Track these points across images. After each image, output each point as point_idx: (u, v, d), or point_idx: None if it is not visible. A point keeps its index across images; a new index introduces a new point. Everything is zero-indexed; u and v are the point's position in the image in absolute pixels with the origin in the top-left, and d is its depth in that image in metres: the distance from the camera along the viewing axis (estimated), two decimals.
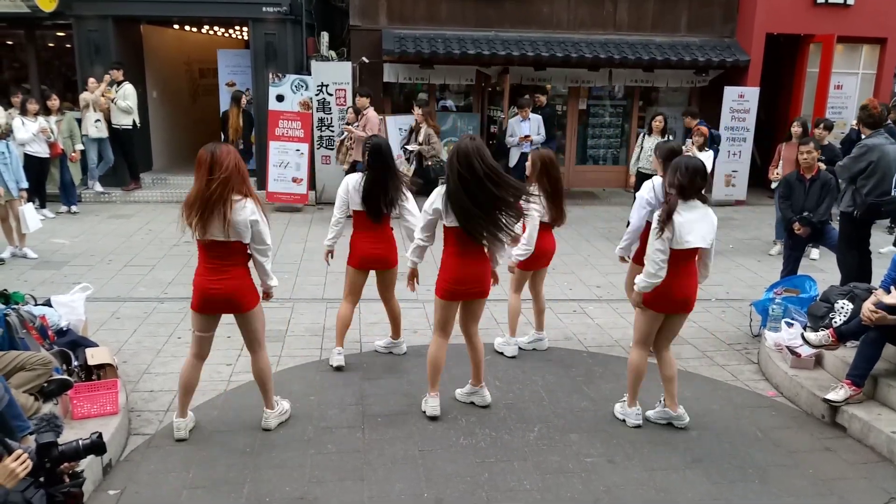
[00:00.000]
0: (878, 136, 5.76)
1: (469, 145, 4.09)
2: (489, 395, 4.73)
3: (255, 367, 4.25)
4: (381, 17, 11.76)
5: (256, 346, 4.20)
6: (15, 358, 3.94)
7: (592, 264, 8.27)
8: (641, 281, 4.13)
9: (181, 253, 8.28)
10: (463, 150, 4.07)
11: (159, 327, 5.98)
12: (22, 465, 2.69)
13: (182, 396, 4.21)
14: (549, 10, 12.10)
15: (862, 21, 11.86)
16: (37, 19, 11.49)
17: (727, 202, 11.95)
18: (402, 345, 5.53)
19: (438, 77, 11.85)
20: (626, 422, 4.53)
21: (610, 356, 5.59)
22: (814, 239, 6.71)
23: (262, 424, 4.31)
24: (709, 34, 12.44)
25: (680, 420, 4.48)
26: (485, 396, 4.72)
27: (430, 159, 10.14)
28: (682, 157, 4.43)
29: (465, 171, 4.04)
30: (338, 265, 8.04)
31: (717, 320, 6.52)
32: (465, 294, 4.38)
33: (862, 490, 3.90)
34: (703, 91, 12.69)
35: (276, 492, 3.73)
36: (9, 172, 7.67)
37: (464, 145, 4.10)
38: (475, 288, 4.37)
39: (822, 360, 5.13)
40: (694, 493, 3.81)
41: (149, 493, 3.70)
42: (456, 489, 3.79)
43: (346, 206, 5.05)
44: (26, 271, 7.42)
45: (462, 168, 4.04)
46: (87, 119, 10.53)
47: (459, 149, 4.09)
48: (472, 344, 4.61)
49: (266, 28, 11.51)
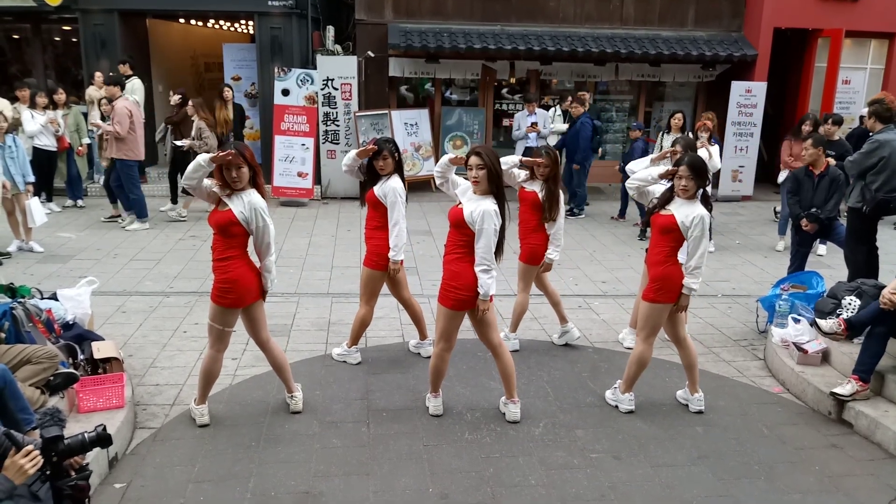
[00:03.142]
0: (889, 132, 5.71)
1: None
2: (518, 412, 4.45)
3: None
4: (387, 11, 11.74)
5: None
6: (21, 351, 3.94)
7: (598, 260, 8.25)
8: (696, 284, 4.32)
9: (187, 247, 8.30)
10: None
11: (165, 321, 5.99)
12: (32, 461, 2.69)
13: (205, 387, 4.30)
14: (555, 5, 12.05)
15: (870, 16, 11.78)
16: (43, 13, 11.52)
17: (734, 197, 11.91)
18: (427, 346, 5.34)
19: (444, 71, 11.82)
20: (618, 407, 4.61)
21: (615, 352, 5.58)
22: (821, 235, 6.68)
23: (292, 409, 4.48)
24: (716, 28, 12.38)
25: (693, 404, 4.64)
26: (512, 412, 4.44)
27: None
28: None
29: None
30: (340, 261, 8.09)
31: (724, 316, 6.50)
32: (473, 303, 4.15)
33: (869, 487, 3.88)
34: (710, 86, 12.64)
35: (282, 486, 3.73)
36: (15, 166, 7.70)
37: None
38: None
39: (828, 357, 5.11)
40: (699, 490, 3.80)
41: (155, 487, 3.71)
42: (461, 484, 3.79)
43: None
44: (32, 265, 7.44)
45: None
46: (93, 118, 10.53)
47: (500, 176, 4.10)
48: (497, 355, 4.38)
49: (272, 22, 11.50)
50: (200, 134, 9.40)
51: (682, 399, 4.75)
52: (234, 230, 3.99)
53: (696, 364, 4.61)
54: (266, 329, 4.32)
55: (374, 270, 4.94)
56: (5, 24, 12.70)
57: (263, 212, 3.99)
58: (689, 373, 4.63)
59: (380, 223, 4.85)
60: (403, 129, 11.29)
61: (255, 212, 3.95)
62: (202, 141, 9.34)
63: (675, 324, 4.52)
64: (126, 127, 8.63)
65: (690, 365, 4.59)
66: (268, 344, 4.34)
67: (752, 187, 12.03)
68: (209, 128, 9.48)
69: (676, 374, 5.06)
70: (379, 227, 4.86)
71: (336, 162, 11.02)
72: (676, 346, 4.64)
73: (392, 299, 5.51)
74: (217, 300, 4.08)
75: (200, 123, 9.43)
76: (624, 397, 4.62)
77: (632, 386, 4.61)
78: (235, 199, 3.98)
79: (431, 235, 9.06)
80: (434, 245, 8.60)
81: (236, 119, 11.08)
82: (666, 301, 4.36)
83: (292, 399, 4.49)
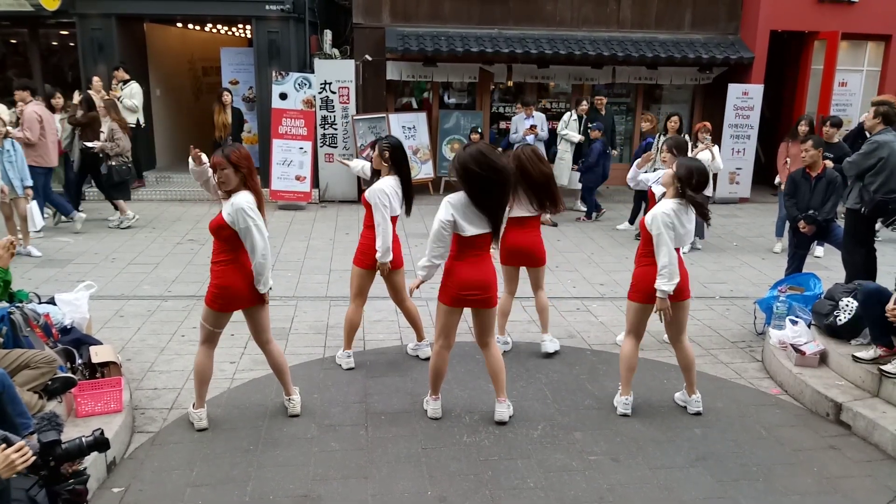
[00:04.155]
0: (888, 133, 5.72)
1: (481, 149, 4.09)
2: (507, 413, 4.46)
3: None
4: (385, 14, 11.75)
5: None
6: (19, 356, 3.94)
7: (596, 262, 8.26)
8: (665, 286, 4.23)
9: (185, 251, 8.30)
10: (476, 155, 4.04)
11: (163, 325, 5.98)
12: (22, 457, 2.66)
13: (199, 387, 4.30)
14: (552, 8, 12.08)
15: (867, 18, 11.82)
16: (40, 18, 11.52)
17: (731, 200, 11.93)
18: (425, 347, 5.36)
19: (442, 75, 11.83)
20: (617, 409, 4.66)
21: (613, 354, 5.57)
22: (819, 236, 6.69)
23: (290, 412, 4.48)
24: (713, 31, 12.40)
25: (691, 406, 4.66)
26: (500, 413, 4.43)
27: (114, 158, 9.14)
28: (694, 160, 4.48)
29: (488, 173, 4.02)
30: (338, 264, 8.09)
31: (721, 318, 6.51)
32: (472, 301, 4.24)
33: (867, 488, 3.88)
34: (707, 88, 12.66)
35: (280, 490, 3.73)
36: (14, 170, 7.69)
37: (475, 150, 4.07)
38: (483, 295, 4.23)
39: (826, 358, 5.12)
40: (698, 492, 3.80)
41: (153, 491, 3.70)
42: (459, 487, 3.79)
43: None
44: (30, 269, 7.43)
45: (483, 170, 4.00)
46: None
47: (473, 155, 4.03)
48: (489, 355, 4.43)
49: (269, 26, 11.52)
50: (112, 135, 9.12)
51: (681, 401, 4.75)
52: (224, 233, 4.00)
53: (694, 366, 4.60)
54: (268, 332, 4.32)
55: (358, 268, 5.00)
56: (3, 29, 12.71)
57: (246, 212, 3.90)
58: (686, 374, 4.64)
59: (370, 223, 4.90)
60: (401, 133, 11.30)
61: (238, 212, 3.91)
62: (114, 143, 9.09)
63: (675, 326, 4.49)
64: (37, 133, 8.32)
65: (688, 367, 4.58)
66: (268, 346, 4.35)
67: (749, 189, 12.05)
68: (121, 129, 9.25)
69: (675, 375, 5.06)
70: (370, 227, 4.90)
71: (334, 165, 11.02)
72: (674, 348, 4.64)
73: (391, 303, 5.51)
74: (208, 303, 4.13)
75: (113, 125, 9.16)
76: (620, 400, 4.62)
77: (627, 387, 4.60)
78: (226, 201, 4.00)
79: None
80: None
81: (235, 123, 11.10)
82: (640, 301, 4.39)
83: (290, 402, 4.49)
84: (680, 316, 4.47)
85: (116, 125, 9.21)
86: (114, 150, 9.07)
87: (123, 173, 9.27)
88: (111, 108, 9.33)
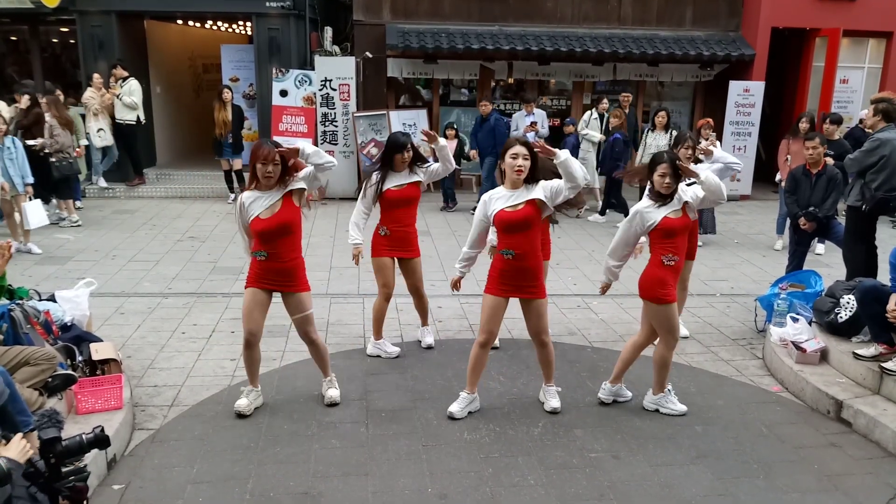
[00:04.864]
0: (890, 131, 5.71)
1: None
2: (558, 402, 4.58)
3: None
4: (385, 11, 11.74)
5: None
6: (19, 353, 3.94)
7: (596, 259, 8.25)
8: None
9: (185, 248, 8.30)
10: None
11: (163, 322, 5.98)
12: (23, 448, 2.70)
13: (249, 370, 4.50)
14: (553, 5, 12.07)
15: (868, 15, 11.80)
16: (40, 15, 11.50)
17: (732, 197, 11.84)
18: (427, 333, 5.59)
19: (442, 72, 11.82)
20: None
21: (614, 351, 5.56)
22: (819, 234, 6.69)
23: (328, 400, 4.58)
24: (714, 28, 12.39)
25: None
26: (553, 404, 4.57)
27: (55, 154, 8.88)
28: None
29: None
30: (339, 261, 8.08)
31: (722, 315, 6.50)
32: (517, 291, 4.30)
33: (867, 486, 3.88)
34: (708, 85, 12.65)
35: (281, 487, 3.73)
36: (14, 168, 7.69)
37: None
38: (527, 285, 4.30)
39: (827, 356, 5.11)
40: (698, 489, 3.80)
41: (153, 488, 3.70)
42: (460, 484, 3.79)
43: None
44: (31, 266, 7.43)
45: None
46: (91, 128, 10.52)
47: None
48: (541, 347, 4.53)
49: (269, 23, 11.51)
50: (52, 132, 8.87)
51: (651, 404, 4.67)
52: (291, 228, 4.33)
53: (670, 365, 4.53)
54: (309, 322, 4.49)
55: (371, 257, 5.29)
56: (3, 26, 12.69)
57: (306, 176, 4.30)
58: (658, 371, 4.56)
59: (409, 220, 5.39)
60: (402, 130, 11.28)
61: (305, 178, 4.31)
62: (53, 139, 8.86)
63: (646, 319, 4.52)
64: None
65: (661, 364, 4.54)
66: (308, 336, 4.51)
67: (750, 187, 12.05)
68: (60, 125, 9.01)
69: (675, 373, 5.05)
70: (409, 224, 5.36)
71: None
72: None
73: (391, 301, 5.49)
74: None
75: (52, 121, 8.92)
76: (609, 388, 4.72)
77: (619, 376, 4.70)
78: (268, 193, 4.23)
79: (430, 236, 9.05)
80: (433, 245, 8.60)
81: (235, 120, 11.08)
82: (646, 298, 4.40)
83: (330, 385, 4.67)
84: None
85: (55, 121, 8.94)
86: (53, 146, 8.84)
87: (65, 169, 9.03)
88: (52, 104, 9.07)
